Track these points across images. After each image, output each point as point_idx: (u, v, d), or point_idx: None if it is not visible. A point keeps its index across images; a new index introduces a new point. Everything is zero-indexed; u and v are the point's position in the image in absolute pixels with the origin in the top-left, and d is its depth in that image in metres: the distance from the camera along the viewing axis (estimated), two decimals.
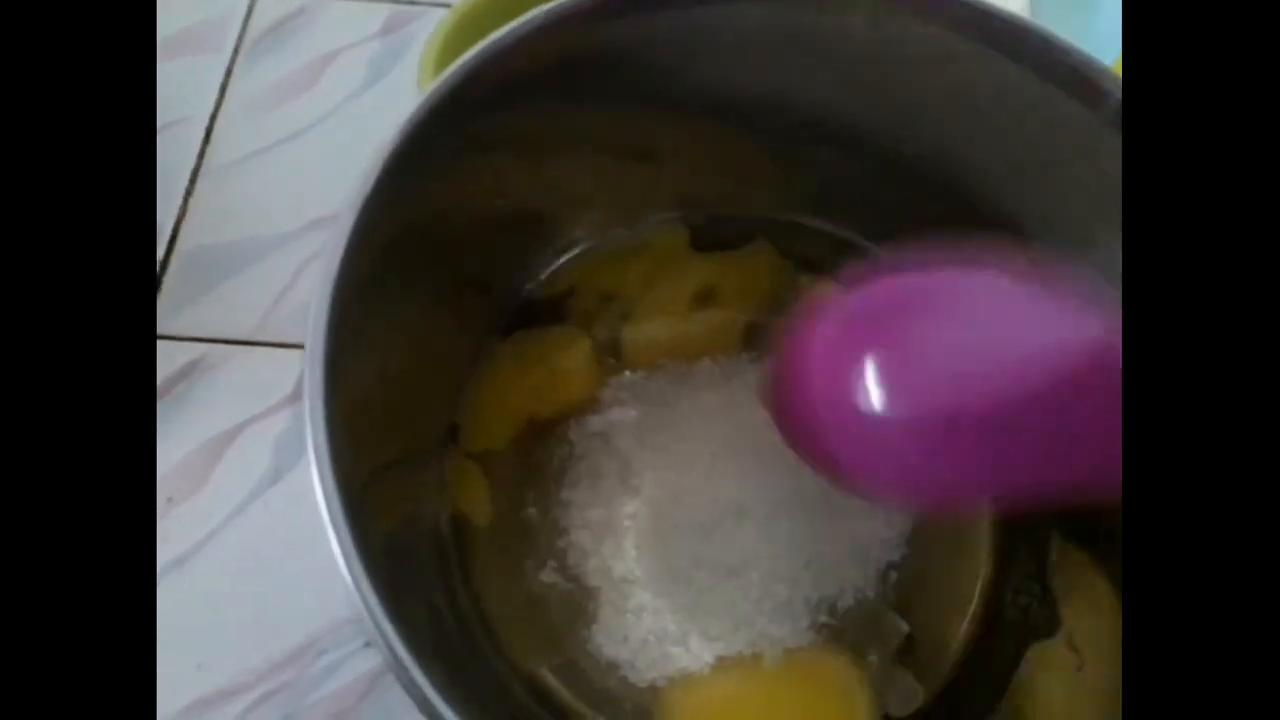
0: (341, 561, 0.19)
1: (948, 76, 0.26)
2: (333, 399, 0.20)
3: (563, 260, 0.31)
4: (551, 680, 0.28)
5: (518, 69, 0.24)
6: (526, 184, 0.28)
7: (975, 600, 0.30)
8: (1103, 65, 0.24)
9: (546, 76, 0.25)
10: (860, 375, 0.22)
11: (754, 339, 0.32)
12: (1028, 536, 0.30)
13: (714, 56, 0.27)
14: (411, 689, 0.18)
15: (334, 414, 0.20)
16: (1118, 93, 0.24)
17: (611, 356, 0.32)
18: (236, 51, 0.42)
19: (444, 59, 0.32)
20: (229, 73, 0.41)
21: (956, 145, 0.28)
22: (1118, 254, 0.25)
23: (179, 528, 0.33)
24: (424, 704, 0.18)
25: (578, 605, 0.29)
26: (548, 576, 0.29)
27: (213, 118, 0.40)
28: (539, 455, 0.30)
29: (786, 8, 0.25)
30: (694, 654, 0.28)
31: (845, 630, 0.29)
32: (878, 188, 0.30)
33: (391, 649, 0.18)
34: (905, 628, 0.29)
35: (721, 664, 0.28)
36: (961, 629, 0.30)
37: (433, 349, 0.29)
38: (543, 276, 0.31)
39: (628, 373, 0.31)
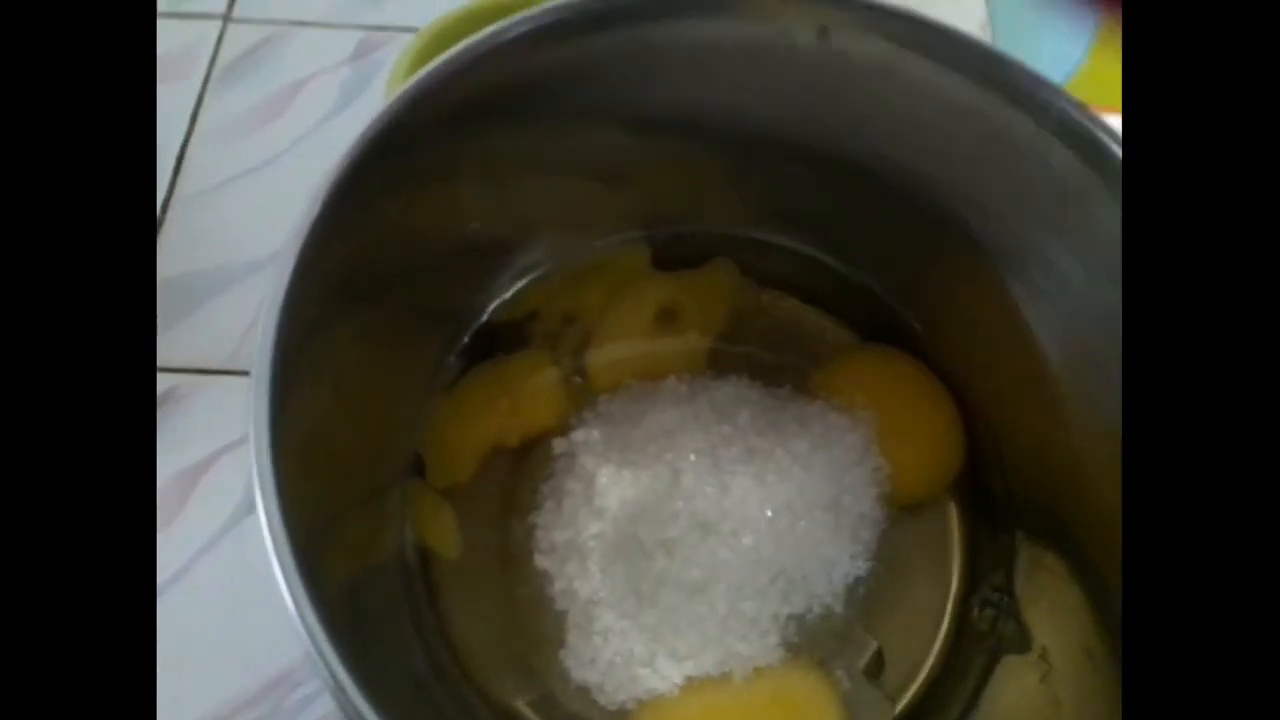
0: (294, 612, 0.19)
1: (896, 89, 0.26)
2: (282, 441, 0.20)
3: (523, 283, 0.31)
4: (523, 707, 0.28)
5: (464, 94, 0.24)
6: (482, 208, 0.28)
7: (944, 614, 0.30)
8: (1039, 74, 0.24)
9: (496, 100, 0.25)
10: None
11: (719, 359, 0.32)
12: (994, 546, 0.30)
13: (666, 74, 0.27)
14: None
15: (281, 458, 0.19)
16: (1059, 103, 0.24)
17: (577, 377, 0.32)
18: (207, 79, 0.42)
19: None
20: (200, 100, 0.42)
21: (908, 157, 0.28)
22: (1061, 257, 0.26)
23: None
24: None
25: (546, 631, 0.29)
26: (516, 603, 0.29)
27: (184, 146, 0.40)
28: (505, 482, 0.30)
29: (735, 23, 0.25)
30: (662, 675, 0.28)
31: (814, 647, 0.29)
32: (835, 202, 0.30)
33: (351, 701, 0.18)
34: (874, 643, 0.29)
35: (690, 684, 0.28)
36: (930, 644, 0.30)
37: (391, 379, 0.28)
38: (502, 300, 0.31)
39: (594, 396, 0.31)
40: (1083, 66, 0.37)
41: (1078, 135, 0.24)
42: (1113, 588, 0.26)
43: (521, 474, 0.30)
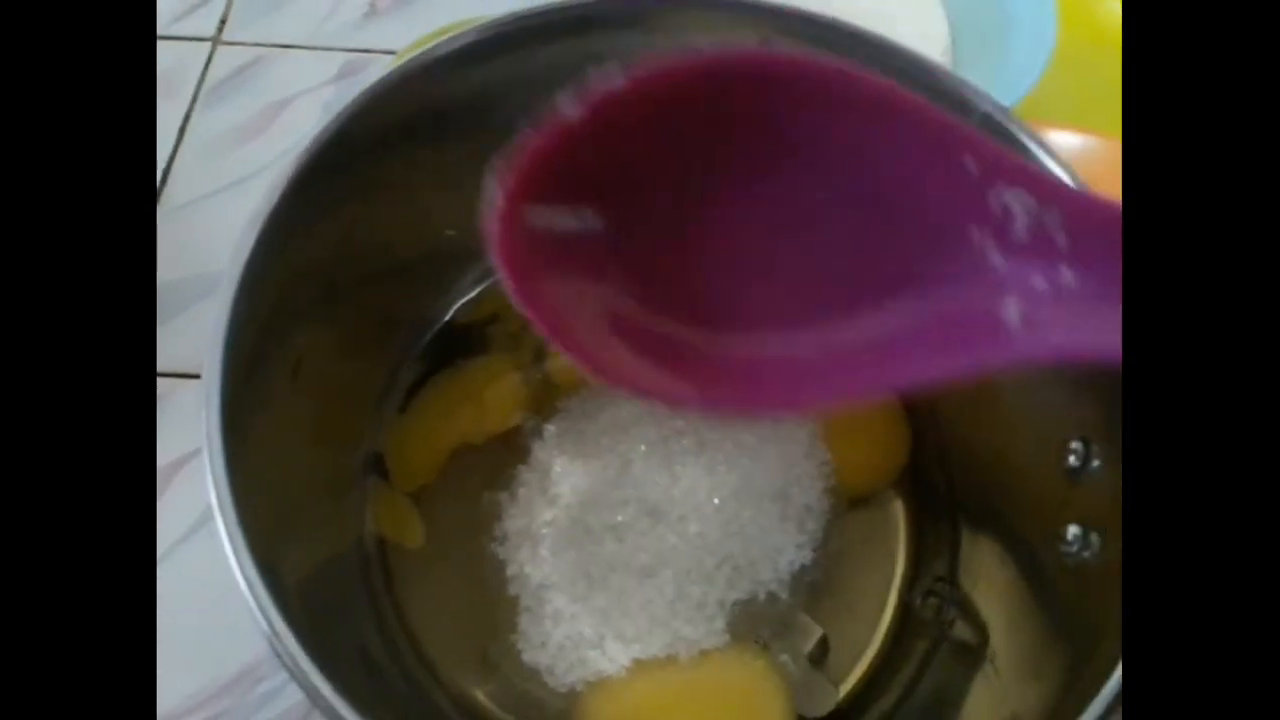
0: (256, 610, 0.20)
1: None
2: (237, 447, 0.21)
3: (486, 285, 0.32)
4: (474, 689, 0.29)
5: (413, 107, 0.25)
6: (449, 215, 0.29)
7: (889, 602, 0.31)
8: (969, 82, 0.26)
9: (450, 111, 0.26)
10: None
11: None
12: (937, 536, 0.31)
13: None
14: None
15: (238, 459, 0.21)
16: (983, 106, 0.25)
17: (538, 379, 0.33)
18: (195, 97, 0.44)
19: None
20: (187, 117, 0.43)
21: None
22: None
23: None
24: None
25: (499, 616, 0.29)
26: (471, 591, 0.30)
27: (170, 160, 0.42)
28: (467, 477, 0.31)
29: (674, 34, 0.27)
30: (610, 657, 0.28)
31: (760, 632, 0.30)
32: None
33: (316, 688, 0.19)
34: (819, 630, 0.30)
35: (638, 666, 0.28)
36: (875, 631, 0.30)
37: (351, 381, 0.29)
38: (465, 301, 0.32)
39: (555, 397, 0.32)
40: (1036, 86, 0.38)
41: (1000, 135, 0.25)
42: (1041, 566, 0.27)
43: (482, 469, 0.31)
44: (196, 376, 0.37)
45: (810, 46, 0.27)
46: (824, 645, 0.30)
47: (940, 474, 0.32)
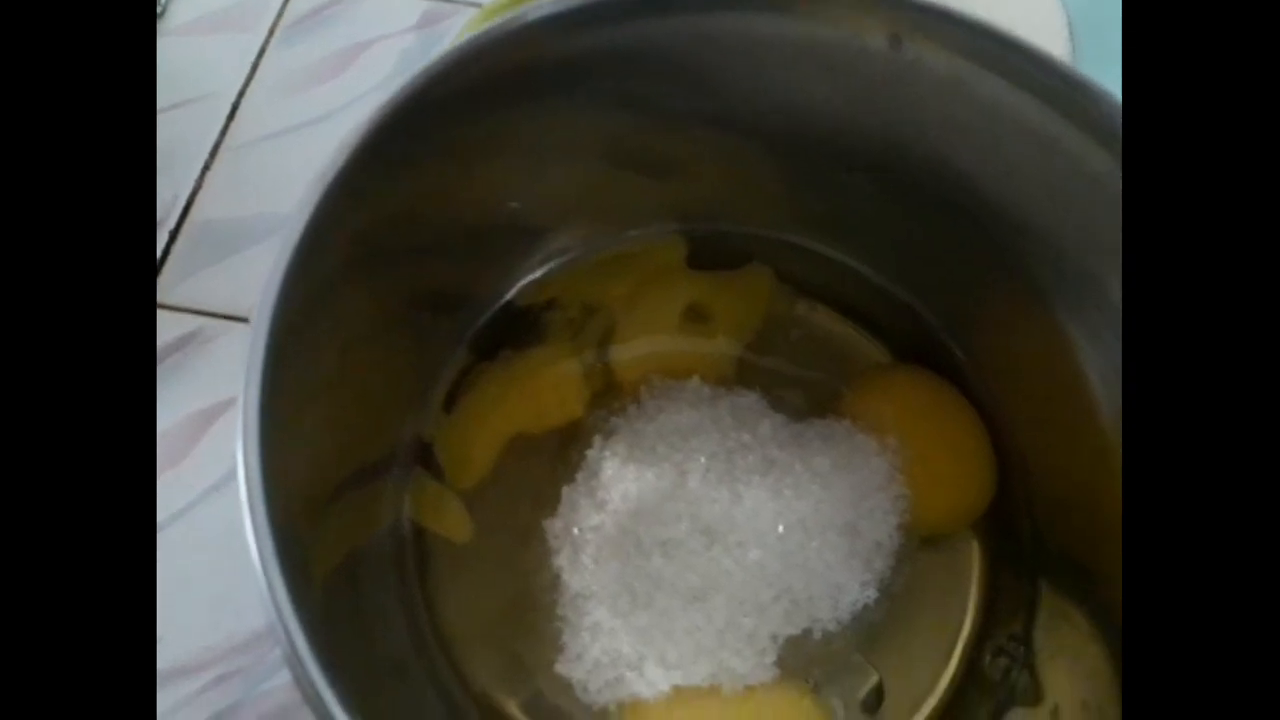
0: (269, 599, 0.18)
1: (965, 103, 0.25)
2: (276, 399, 0.19)
3: (551, 265, 0.30)
4: (501, 696, 0.27)
5: (500, 70, 0.23)
6: (519, 187, 0.27)
7: (954, 655, 0.28)
8: (1117, 101, 0.23)
9: (534, 79, 0.24)
10: None
11: (746, 370, 0.31)
12: (1016, 592, 0.29)
13: (723, 67, 0.26)
14: None
15: (273, 417, 0.19)
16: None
17: (598, 370, 0.31)
18: (271, 32, 0.42)
19: None
20: (261, 53, 0.42)
21: (972, 174, 0.27)
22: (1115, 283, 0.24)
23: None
24: None
25: (536, 622, 0.28)
26: (508, 591, 0.28)
27: (240, 94, 0.41)
28: (516, 471, 0.29)
29: (798, 22, 0.24)
30: (649, 680, 0.26)
31: (811, 672, 0.28)
32: (888, 213, 0.29)
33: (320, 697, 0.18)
34: (875, 676, 0.28)
35: (677, 694, 0.27)
36: (936, 684, 0.28)
37: (399, 358, 0.28)
38: (528, 281, 0.30)
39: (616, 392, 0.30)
40: None
41: None
42: None
43: (539, 463, 0.29)
44: (245, 320, 0.37)
45: (947, 48, 0.24)
46: (879, 693, 0.28)
47: (1025, 523, 0.29)
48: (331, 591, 0.23)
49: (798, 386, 0.31)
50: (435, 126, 0.23)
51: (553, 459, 0.29)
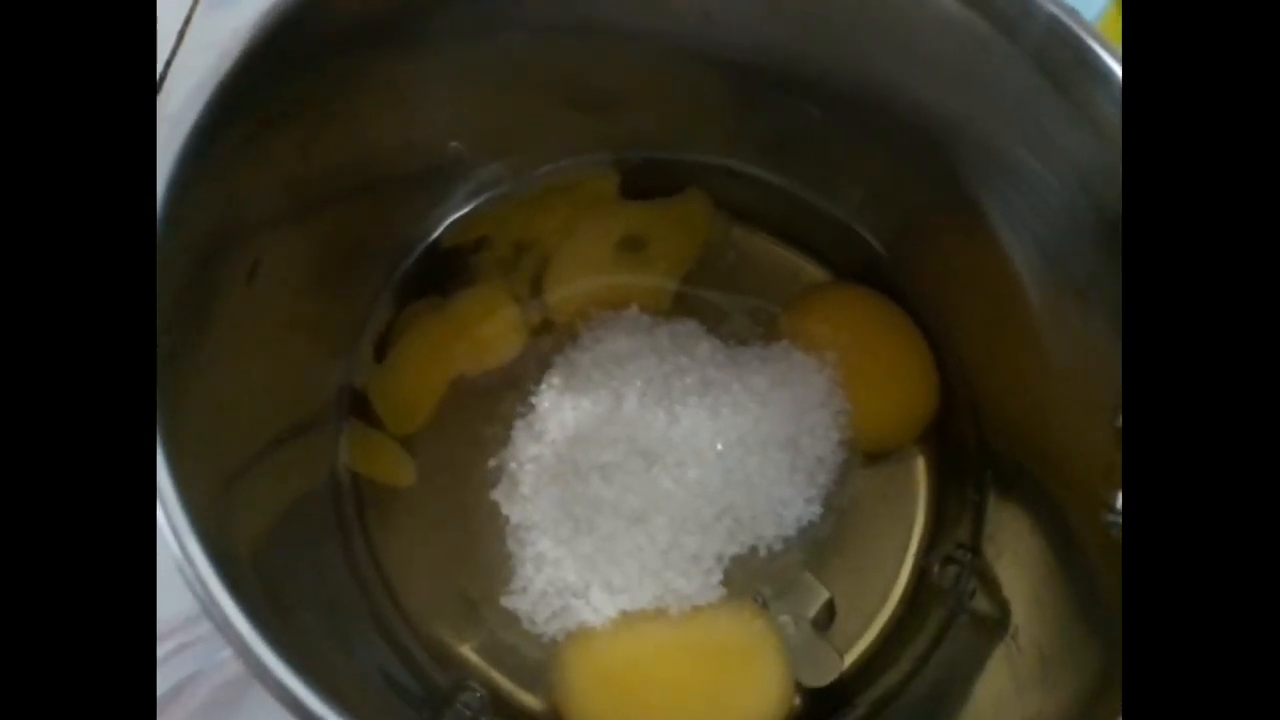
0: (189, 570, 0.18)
1: (901, 19, 0.24)
2: (185, 358, 0.19)
3: (478, 201, 0.30)
4: (447, 634, 0.27)
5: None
6: (429, 124, 0.27)
7: (904, 568, 0.28)
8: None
9: (452, 8, 0.24)
10: None
11: (685, 302, 0.30)
12: (961, 500, 0.28)
13: None
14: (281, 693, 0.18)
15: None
16: (1048, 8, 0.22)
17: (534, 308, 0.30)
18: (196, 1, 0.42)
19: None
20: (188, 20, 0.41)
21: (894, 77, 0.26)
22: (1039, 173, 0.24)
23: None
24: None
25: (481, 558, 0.27)
26: (454, 530, 0.28)
27: (169, 61, 0.40)
28: (460, 411, 0.29)
29: None
30: (595, 607, 0.26)
31: (760, 590, 0.27)
32: (817, 129, 0.28)
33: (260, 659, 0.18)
34: (825, 592, 0.28)
35: (624, 619, 0.26)
36: (887, 598, 0.28)
37: (315, 309, 0.27)
38: (455, 219, 0.30)
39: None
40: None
41: (1066, 40, 0.22)
42: (1078, 537, 0.24)
43: (473, 404, 0.29)
44: None
45: None
46: (830, 609, 0.27)
47: (970, 431, 0.29)
48: (266, 553, 0.22)
49: (738, 312, 0.30)
50: (319, 54, 0.22)
51: (492, 398, 0.29)
